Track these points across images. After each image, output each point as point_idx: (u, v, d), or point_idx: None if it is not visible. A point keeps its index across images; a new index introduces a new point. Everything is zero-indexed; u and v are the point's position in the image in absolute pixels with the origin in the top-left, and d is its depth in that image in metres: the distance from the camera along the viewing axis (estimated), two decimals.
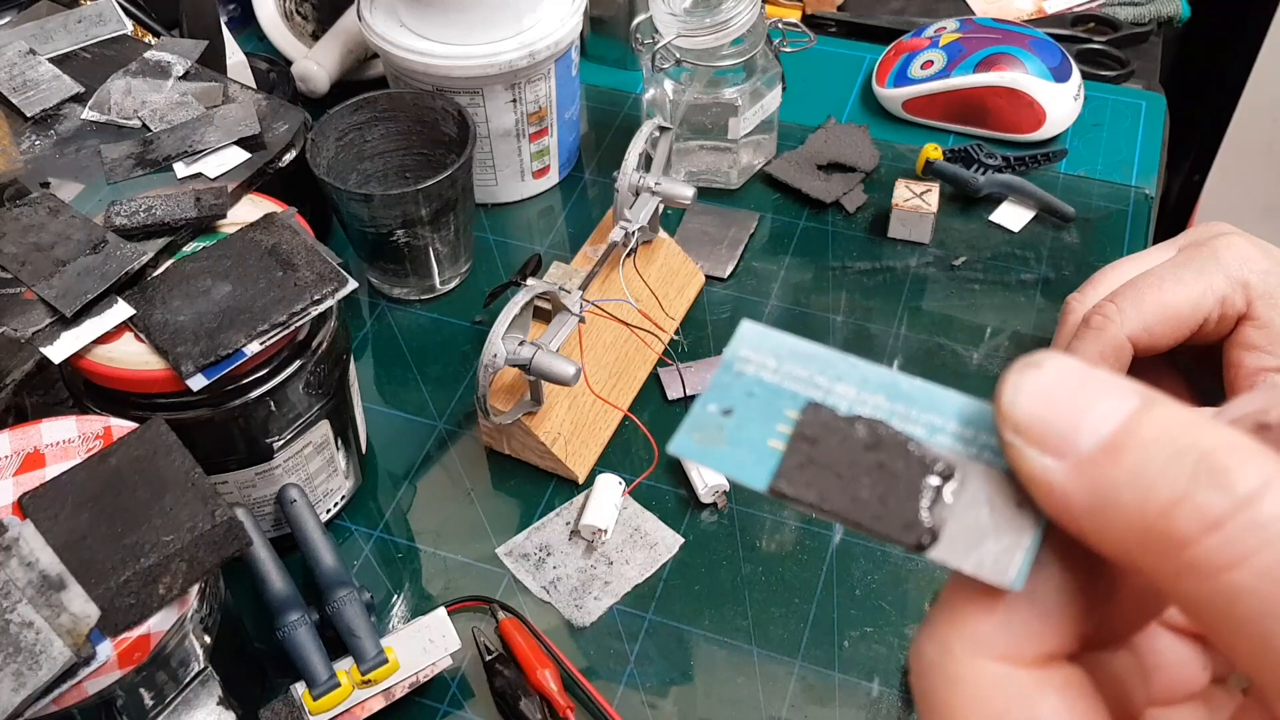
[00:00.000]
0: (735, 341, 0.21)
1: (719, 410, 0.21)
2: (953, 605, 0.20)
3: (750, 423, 0.20)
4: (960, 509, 0.19)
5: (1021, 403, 0.18)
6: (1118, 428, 0.17)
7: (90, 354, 0.45)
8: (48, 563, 0.37)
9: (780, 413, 0.20)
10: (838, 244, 0.70)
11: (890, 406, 0.20)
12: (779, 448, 0.20)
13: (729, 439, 0.20)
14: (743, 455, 0.20)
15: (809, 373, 0.21)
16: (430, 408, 0.62)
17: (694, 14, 0.66)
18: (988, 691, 0.19)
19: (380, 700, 0.47)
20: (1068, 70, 0.74)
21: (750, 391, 0.21)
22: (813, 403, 0.20)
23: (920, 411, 0.20)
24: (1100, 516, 0.17)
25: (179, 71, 0.60)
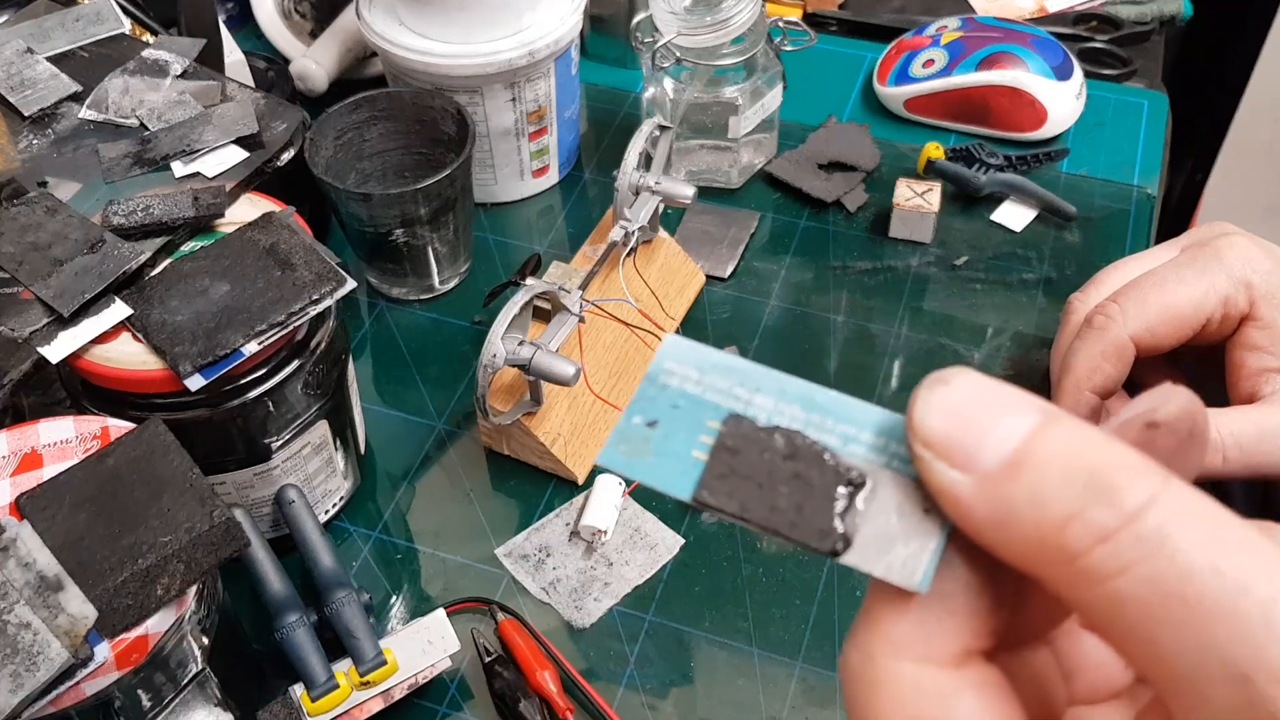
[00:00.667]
0: (659, 355, 0.22)
1: (644, 422, 0.22)
2: (871, 611, 0.20)
3: (675, 434, 0.21)
4: (872, 516, 0.20)
5: (931, 418, 0.19)
6: (1018, 446, 0.18)
7: (88, 354, 0.45)
8: (45, 563, 0.37)
9: (703, 424, 0.21)
10: (839, 243, 0.70)
11: (806, 417, 0.21)
12: (702, 458, 0.21)
13: (654, 450, 0.21)
14: (668, 466, 0.21)
15: (730, 384, 0.22)
16: (429, 408, 0.61)
17: (694, 12, 0.65)
18: (907, 693, 0.19)
19: (379, 702, 0.47)
20: (1069, 69, 0.74)
21: (674, 404, 0.22)
22: (734, 414, 0.21)
23: (835, 422, 0.21)
24: (1001, 529, 0.18)
25: (177, 70, 0.60)
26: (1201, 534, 0.17)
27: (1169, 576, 0.17)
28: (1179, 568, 0.17)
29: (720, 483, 0.21)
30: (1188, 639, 0.17)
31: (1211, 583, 0.17)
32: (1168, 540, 0.17)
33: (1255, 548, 0.17)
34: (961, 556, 0.20)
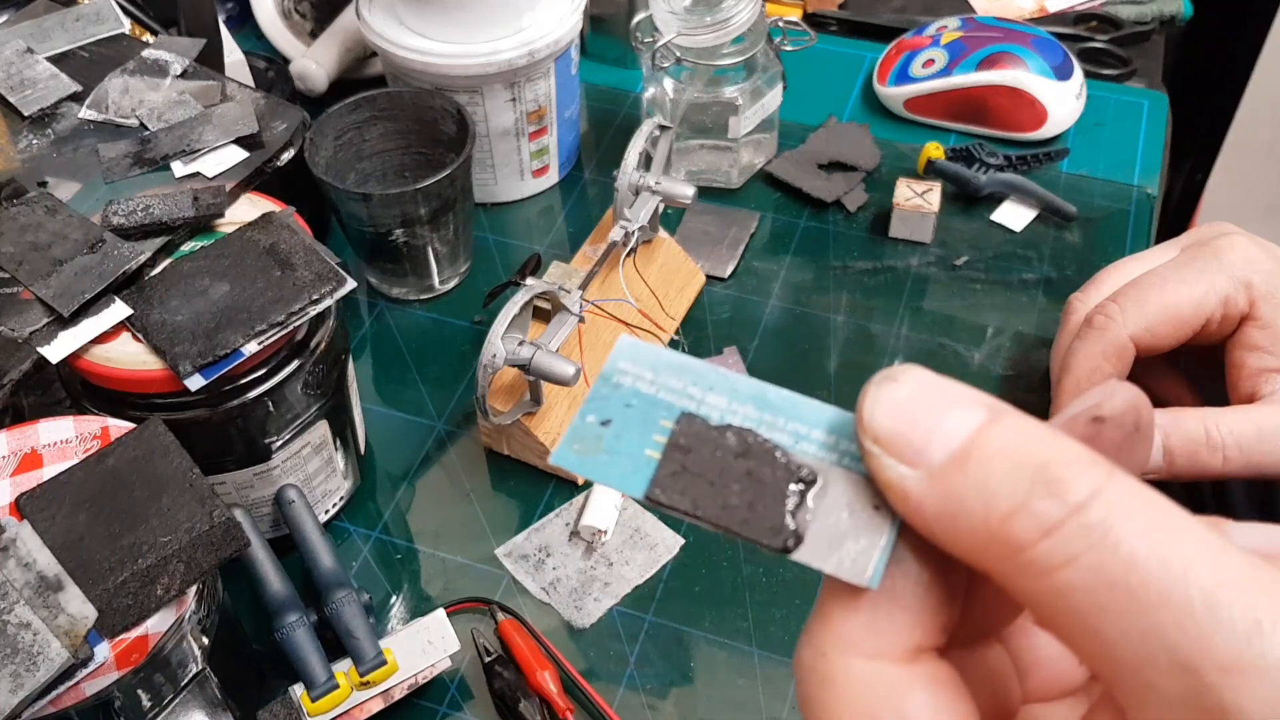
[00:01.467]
0: (613, 355, 0.22)
1: (598, 421, 0.22)
2: (823, 609, 0.21)
3: (628, 433, 0.21)
4: (822, 513, 0.20)
5: (879, 415, 0.19)
6: (965, 441, 0.19)
7: (88, 354, 0.45)
8: (45, 563, 0.37)
9: (656, 423, 0.21)
10: (839, 243, 0.70)
11: (759, 415, 0.21)
12: (655, 457, 0.21)
13: (607, 449, 0.21)
14: (621, 465, 0.21)
15: (683, 384, 0.22)
16: (429, 408, 0.61)
17: (694, 12, 0.65)
18: (859, 690, 0.20)
19: (379, 702, 0.47)
20: (1070, 69, 0.74)
21: (628, 403, 0.22)
22: (686, 413, 0.21)
23: (787, 420, 0.21)
24: (949, 522, 0.19)
25: (177, 70, 0.60)
26: (1145, 524, 0.17)
27: (1113, 566, 0.17)
28: (1123, 557, 0.17)
29: (673, 480, 0.21)
30: (1133, 628, 0.17)
31: (1156, 572, 0.17)
32: (1112, 531, 0.17)
33: (1199, 538, 0.17)
34: (912, 552, 0.20)
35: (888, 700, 0.20)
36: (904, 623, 0.20)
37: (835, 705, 0.20)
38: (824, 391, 0.61)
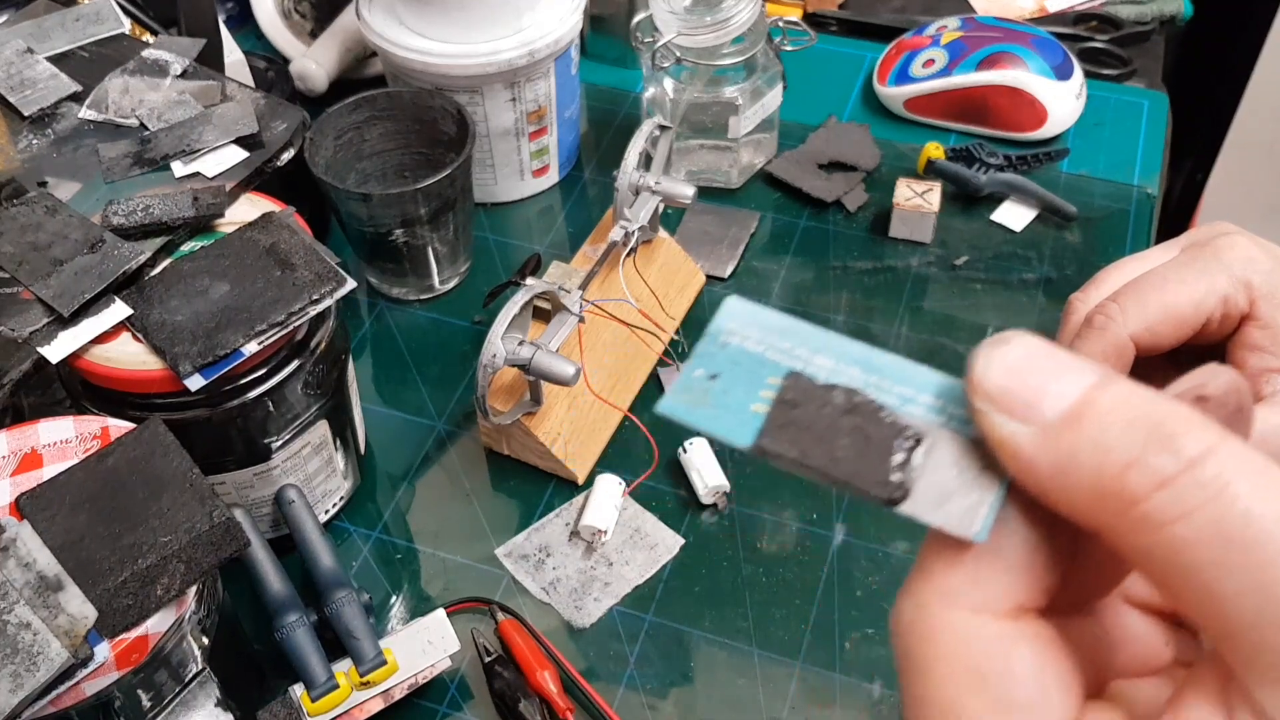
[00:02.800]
0: (721, 315, 0.23)
1: (705, 375, 0.23)
2: (926, 563, 0.21)
3: (735, 388, 0.22)
4: (929, 470, 0.21)
5: (992, 374, 0.20)
6: (1078, 399, 0.19)
7: (88, 354, 0.45)
8: (45, 563, 0.37)
9: (763, 380, 0.22)
10: (839, 243, 0.70)
11: (865, 378, 0.22)
12: (761, 411, 0.22)
13: (714, 402, 0.22)
14: (728, 416, 0.22)
15: (790, 345, 0.23)
16: (429, 408, 0.61)
17: (694, 12, 0.65)
18: (962, 643, 0.20)
19: (379, 702, 0.47)
20: (1069, 69, 0.74)
21: (735, 360, 0.23)
22: (794, 371, 0.22)
23: (893, 384, 0.22)
24: (1062, 477, 0.19)
25: (177, 70, 0.60)
26: (1261, 483, 0.17)
27: (1229, 521, 0.17)
28: (1239, 513, 0.17)
29: (780, 432, 0.21)
30: (1247, 585, 0.17)
31: (1272, 528, 0.17)
32: (1228, 486, 0.17)
33: None
34: (1018, 513, 0.20)
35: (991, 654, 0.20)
36: (1009, 580, 0.20)
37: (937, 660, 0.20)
38: None
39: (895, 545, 0.54)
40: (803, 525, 0.55)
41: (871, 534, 0.55)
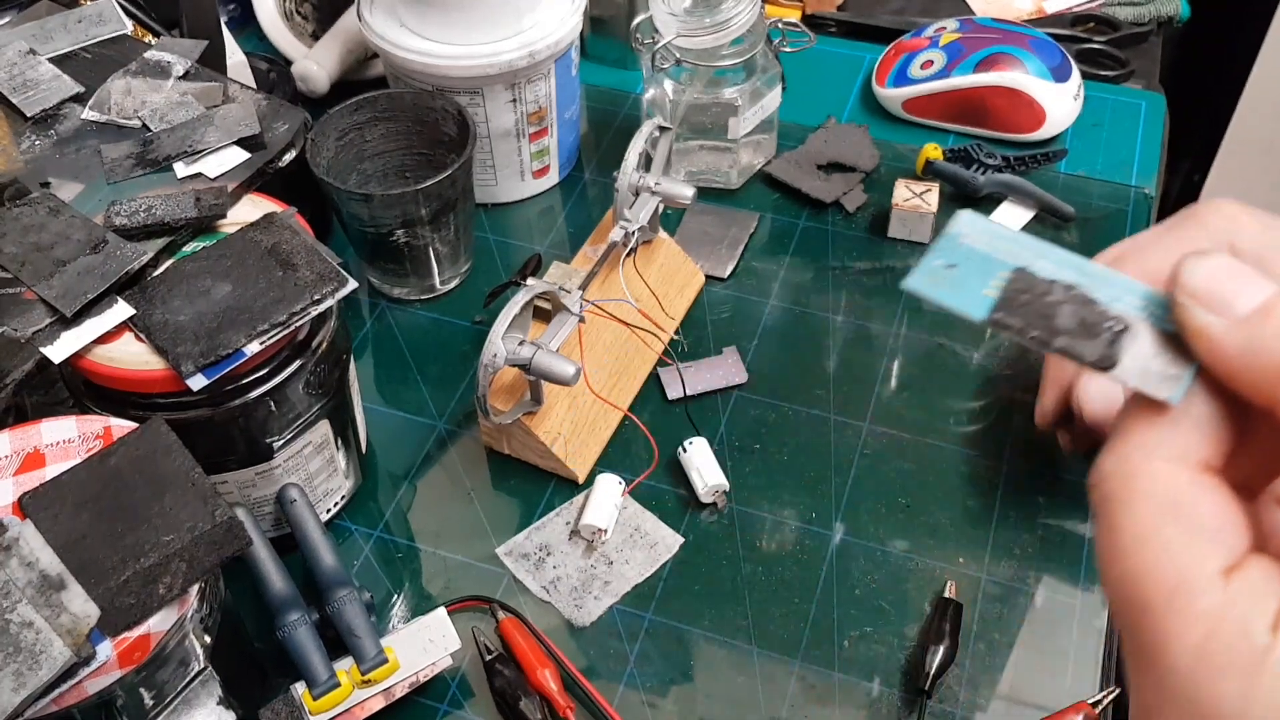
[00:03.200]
0: (957, 222, 0.28)
1: (944, 264, 0.28)
2: (1125, 425, 0.26)
3: (970, 276, 0.27)
4: (1133, 349, 0.26)
5: (1196, 277, 0.25)
6: (1266, 300, 0.24)
7: (90, 354, 0.45)
8: (48, 562, 0.37)
9: (993, 272, 0.27)
10: (838, 244, 0.70)
11: (1079, 279, 0.27)
12: (992, 295, 0.27)
13: (952, 284, 0.27)
14: (964, 295, 0.27)
15: (1016, 250, 0.27)
16: (430, 408, 0.62)
17: (694, 14, 0.66)
18: (1159, 482, 0.25)
19: (380, 700, 0.47)
20: (1067, 70, 0.74)
21: (969, 256, 0.28)
22: (1020, 267, 0.27)
23: (1102, 285, 0.27)
24: (1248, 358, 0.23)
25: (179, 71, 0.60)
26: None
27: None
28: None
29: (1009, 310, 0.27)
30: None
31: None
32: None
33: None
34: (1204, 391, 0.25)
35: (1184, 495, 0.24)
36: (1197, 438, 0.25)
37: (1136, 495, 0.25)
38: (823, 391, 0.61)
39: (894, 544, 0.55)
40: (802, 524, 0.55)
41: (870, 533, 0.55)
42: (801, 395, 0.61)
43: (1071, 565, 0.53)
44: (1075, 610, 0.52)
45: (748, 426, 0.60)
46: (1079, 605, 0.52)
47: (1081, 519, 0.55)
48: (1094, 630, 0.51)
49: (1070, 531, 0.55)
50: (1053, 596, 0.52)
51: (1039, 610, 0.52)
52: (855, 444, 0.59)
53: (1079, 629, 0.51)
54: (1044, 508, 0.56)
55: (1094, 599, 0.52)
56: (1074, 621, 0.51)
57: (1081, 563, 0.53)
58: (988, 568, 0.53)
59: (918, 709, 0.48)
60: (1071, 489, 0.56)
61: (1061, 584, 0.53)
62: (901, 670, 0.50)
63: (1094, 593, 0.52)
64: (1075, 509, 0.55)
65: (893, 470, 0.58)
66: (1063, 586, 0.53)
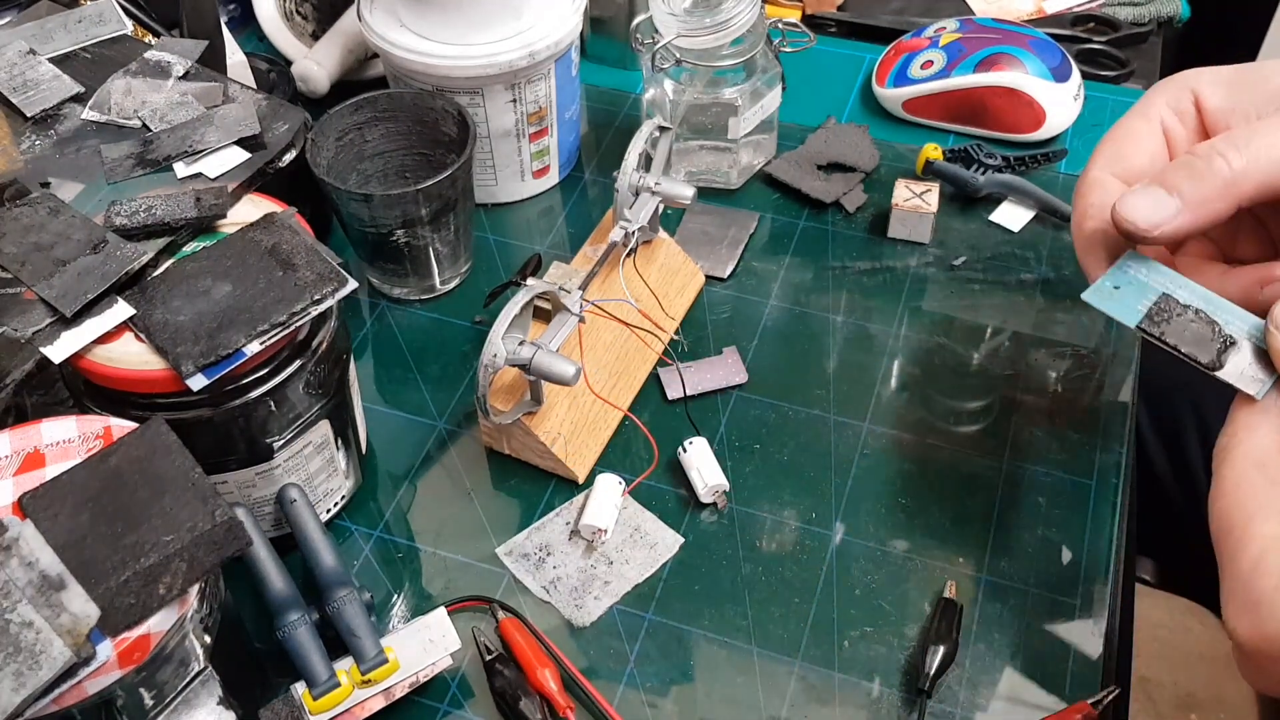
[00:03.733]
0: (1126, 259, 0.44)
1: (1112, 286, 0.44)
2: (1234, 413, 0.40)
3: (1129, 295, 0.43)
4: (1235, 359, 0.41)
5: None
6: None
7: (90, 354, 0.45)
8: (48, 562, 0.37)
9: (1147, 296, 0.43)
10: (838, 244, 0.70)
11: (1206, 306, 0.43)
12: (1143, 310, 0.43)
13: (1117, 300, 0.43)
14: (1124, 309, 0.43)
15: (1164, 281, 0.43)
16: (430, 408, 0.62)
17: (694, 14, 0.66)
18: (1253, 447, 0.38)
19: (380, 700, 0.47)
20: (1068, 70, 0.74)
21: (1130, 282, 0.44)
22: (1166, 294, 0.43)
23: (1222, 313, 0.42)
24: None
25: (179, 71, 0.60)
26: None
27: None
28: None
29: (1152, 321, 0.42)
30: None
31: None
32: None
33: None
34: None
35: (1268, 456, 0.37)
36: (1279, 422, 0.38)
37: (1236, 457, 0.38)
38: (823, 391, 0.61)
39: (894, 544, 0.55)
40: (802, 524, 0.55)
41: (870, 533, 0.55)
42: (801, 395, 0.61)
43: (1072, 565, 0.53)
44: (1075, 610, 0.52)
45: (748, 426, 0.60)
46: (1079, 605, 0.52)
47: (1081, 519, 0.55)
48: (1094, 630, 0.51)
49: (1070, 532, 0.55)
50: (1053, 596, 0.52)
51: (1039, 610, 0.52)
52: (855, 444, 0.59)
53: (1079, 629, 0.51)
54: (1044, 508, 0.56)
55: (1094, 599, 0.52)
56: (1074, 621, 0.51)
57: (1082, 563, 0.53)
58: (988, 568, 0.53)
59: (918, 709, 0.48)
60: (1072, 489, 0.56)
61: (1061, 584, 0.53)
62: (901, 670, 0.50)
63: (1094, 593, 0.52)
64: (1075, 509, 0.55)
65: (893, 470, 0.58)
66: (1063, 586, 0.53)
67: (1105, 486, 0.56)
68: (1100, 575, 0.53)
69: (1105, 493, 0.56)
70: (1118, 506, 0.56)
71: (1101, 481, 0.57)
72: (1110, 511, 0.55)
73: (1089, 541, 0.54)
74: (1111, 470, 0.57)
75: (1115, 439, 0.58)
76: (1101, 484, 0.56)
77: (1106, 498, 0.56)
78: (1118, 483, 0.56)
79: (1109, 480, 0.57)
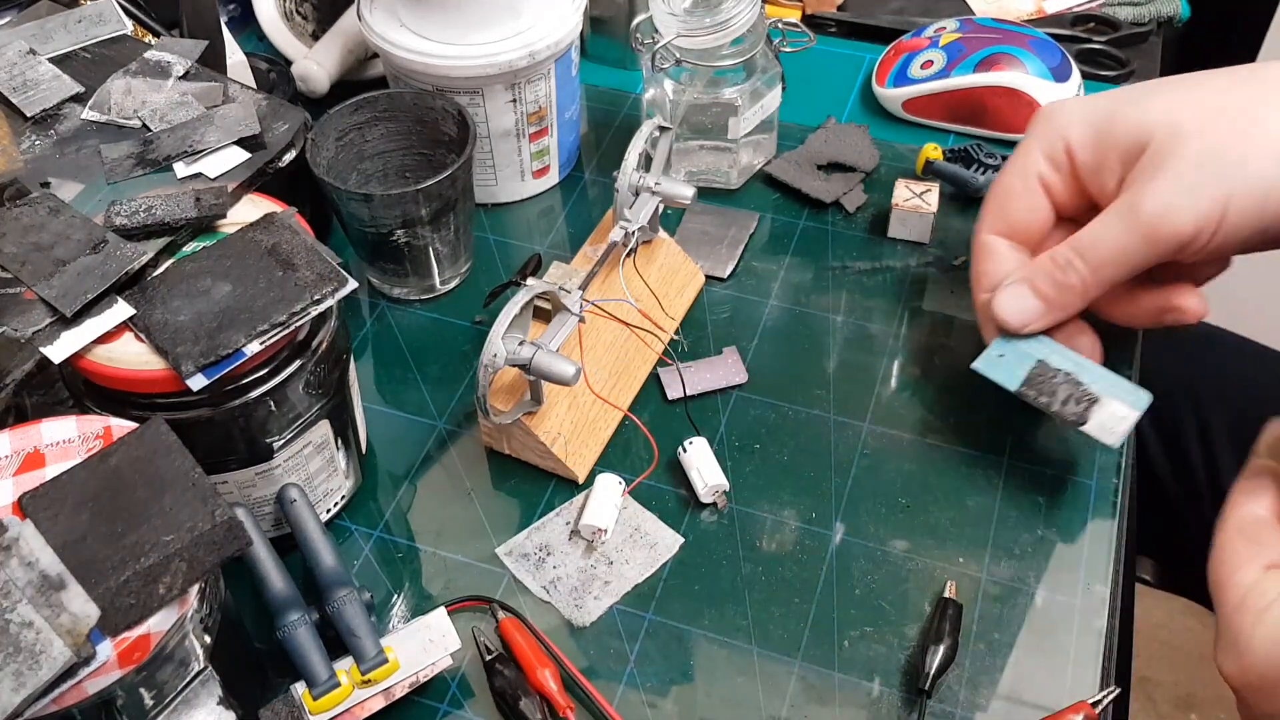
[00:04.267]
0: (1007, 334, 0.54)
1: (997, 354, 0.54)
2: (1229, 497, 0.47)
3: (1011, 362, 0.53)
4: (1097, 413, 0.51)
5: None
6: None
7: (90, 354, 0.45)
8: (48, 562, 0.37)
9: (1025, 363, 0.53)
10: (837, 244, 0.70)
11: (1075, 369, 0.52)
12: (1023, 374, 0.53)
13: (1001, 367, 0.53)
14: (1007, 374, 0.53)
15: (1040, 349, 0.53)
16: (430, 408, 0.62)
17: (694, 14, 0.66)
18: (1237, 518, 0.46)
19: (380, 700, 0.47)
20: (1068, 70, 0.74)
21: (1014, 349, 0.54)
22: (1041, 360, 0.53)
23: (1087, 373, 0.52)
24: None
25: (179, 71, 0.60)
26: None
27: None
28: None
29: (1029, 385, 0.53)
30: None
31: None
32: None
33: None
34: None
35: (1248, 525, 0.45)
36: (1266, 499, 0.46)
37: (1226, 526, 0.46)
38: (823, 391, 0.61)
39: (894, 544, 0.55)
40: (802, 524, 0.55)
41: (870, 533, 0.55)
42: (801, 395, 0.61)
43: (1072, 565, 0.53)
44: (1075, 610, 0.52)
45: (748, 426, 0.60)
46: (1079, 605, 0.52)
47: (1081, 519, 0.55)
48: (1094, 630, 0.51)
49: (1070, 532, 0.55)
50: (1053, 596, 0.52)
51: (1039, 610, 0.52)
52: (855, 444, 0.59)
53: (1079, 629, 0.51)
54: (1044, 507, 0.56)
55: (1094, 599, 0.52)
56: (1074, 621, 0.51)
57: (1082, 563, 0.53)
58: (988, 568, 0.53)
59: (918, 709, 0.48)
60: (1072, 489, 0.56)
61: (1061, 584, 0.53)
62: (901, 670, 0.50)
63: (1094, 593, 0.52)
64: (1075, 509, 0.55)
65: (893, 470, 0.58)
66: (1063, 586, 0.53)
67: (1105, 486, 0.56)
68: (1100, 575, 0.53)
69: (1105, 493, 0.56)
70: (1118, 506, 0.56)
71: (1101, 481, 0.57)
72: (1110, 511, 0.55)
73: (1089, 541, 0.54)
74: (1111, 470, 0.57)
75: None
76: (1101, 484, 0.56)
77: (1106, 498, 0.56)
78: (1118, 483, 0.56)
79: (1109, 480, 0.57)
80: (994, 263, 0.56)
